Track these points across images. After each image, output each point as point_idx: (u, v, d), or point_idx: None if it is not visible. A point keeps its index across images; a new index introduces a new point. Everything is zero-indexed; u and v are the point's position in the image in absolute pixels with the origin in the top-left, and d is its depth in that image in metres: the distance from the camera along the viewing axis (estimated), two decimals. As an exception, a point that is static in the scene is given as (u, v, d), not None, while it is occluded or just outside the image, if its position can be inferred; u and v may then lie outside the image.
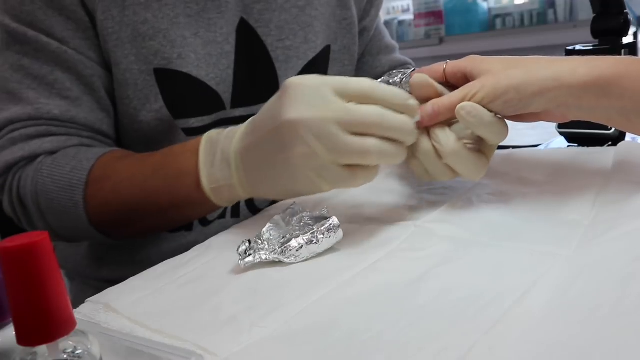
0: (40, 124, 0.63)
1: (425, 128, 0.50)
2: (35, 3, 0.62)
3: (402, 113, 0.47)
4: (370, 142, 0.45)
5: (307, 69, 0.75)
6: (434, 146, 0.50)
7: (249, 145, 0.51)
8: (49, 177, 0.61)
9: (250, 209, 0.75)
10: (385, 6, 3.46)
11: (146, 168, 0.60)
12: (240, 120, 0.55)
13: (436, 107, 0.49)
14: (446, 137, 0.49)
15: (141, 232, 0.66)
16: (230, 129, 0.54)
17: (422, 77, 0.51)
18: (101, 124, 0.66)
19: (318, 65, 0.76)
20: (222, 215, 0.74)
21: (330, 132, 0.45)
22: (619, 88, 0.46)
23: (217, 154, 0.53)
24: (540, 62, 0.49)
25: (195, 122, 0.69)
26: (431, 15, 3.19)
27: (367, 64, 0.86)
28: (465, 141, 0.51)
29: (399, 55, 0.90)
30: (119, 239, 0.66)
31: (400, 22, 3.33)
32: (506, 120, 0.53)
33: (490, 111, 0.49)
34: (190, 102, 0.68)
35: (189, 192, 0.56)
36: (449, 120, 0.50)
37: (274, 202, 0.77)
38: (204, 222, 0.73)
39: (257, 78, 0.72)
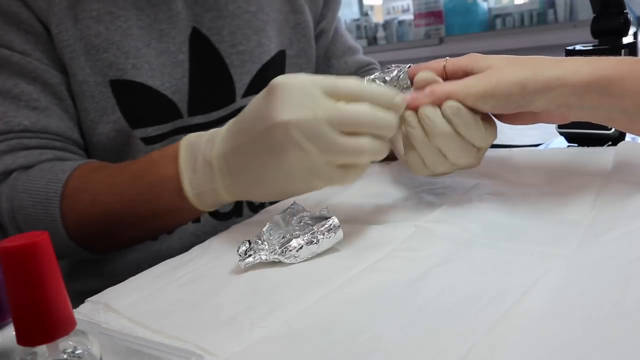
0: (11, 138, 0.62)
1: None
2: None
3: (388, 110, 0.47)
4: (364, 142, 0.45)
5: (262, 73, 0.75)
6: (424, 128, 0.50)
7: (234, 149, 0.49)
8: (25, 192, 0.59)
9: (211, 213, 0.74)
10: (385, 6, 3.46)
11: (124, 177, 0.58)
12: (198, 128, 0.55)
13: (432, 88, 0.49)
14: (434, 114, 0.49)
15: (123, 243, 0.65)
16: (211, 132, 0.53)
17: (428, 74, 0.51)
18: (72, 132, 0.66)
19: (273, 68, 0.77)
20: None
21: (323, 133, 0.44)
22: (621, 88, 0.46)
23: (199, 159, 0.52)
24: (543, 61, 0.49)
25: (152, 131, 0.69)
26: (431, 15, 3.18)
27: (332, 66, 0.86)
28: None
29: (363, 56, 0.91)
30: (101, 253, 0.65)
31: (400, 22, 3.33)
32: (506, 121, 0.53)
33: (476, 112, 0.49)
34: (147, 112, 0.68)
35: (171, 199, 0.54)
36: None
37: (236, 208, 0.76)
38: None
39: (213, 85, 0.72)
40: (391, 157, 0.73)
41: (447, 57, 0.53)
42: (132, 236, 0.62)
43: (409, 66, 0.55)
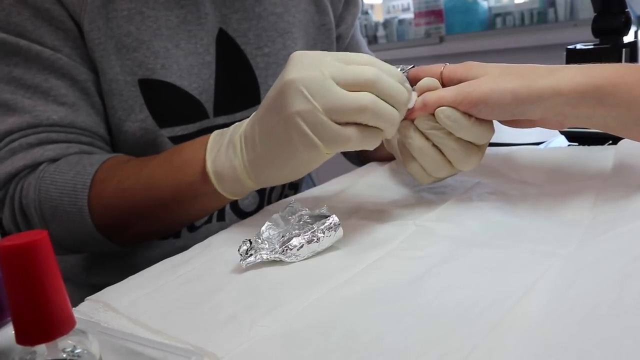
0: (40, 132, 0.62)
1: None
2: (23, 14, 0.61)
3: None
4: (367, 97, 0.46)
5: None
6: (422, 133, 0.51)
7: (254, 122, 0.51)
8: (52, 184, 0.60)
9: (236, 212, 0.75)
10: (385, 5, 3.45)
11: (152, 164, 0.60)
12: (224, 127, 0.56)
13: (425, 98, 0.50)
14: (428, 120, 0.50)
15: (144, 233, 0.65)
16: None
17: (431, 80, 0.52)
18: (98, 128, 0.67)
19: None
20: (209, 220, 0.74)
21: (325, 87, 0.45)
22: (615, 97, 0.47)
23: (225, 140, 0.54)
24: (538, 70, 0.49)
25: (180, 130, 0.69)
26: (431, 14, 3.18)
27: None
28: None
29: None
30: (123, 243, 0.65)
31: (401, 21, 3.32)
32: (505, 124, 0.53)
33: (471, 116, 0.49)
34: (174, 112, 0.69)
35: (194, 180, 0.55)
36: None
37: (259, 207, 0.77)
38: (191, 228, 0.73)
39: (238, 86, 0.73)
40: (391, 157, 0.73)
41: (446, 63, 0.53)
42: (155, 226, 0.63)
43: (412, 66, 0.56)
